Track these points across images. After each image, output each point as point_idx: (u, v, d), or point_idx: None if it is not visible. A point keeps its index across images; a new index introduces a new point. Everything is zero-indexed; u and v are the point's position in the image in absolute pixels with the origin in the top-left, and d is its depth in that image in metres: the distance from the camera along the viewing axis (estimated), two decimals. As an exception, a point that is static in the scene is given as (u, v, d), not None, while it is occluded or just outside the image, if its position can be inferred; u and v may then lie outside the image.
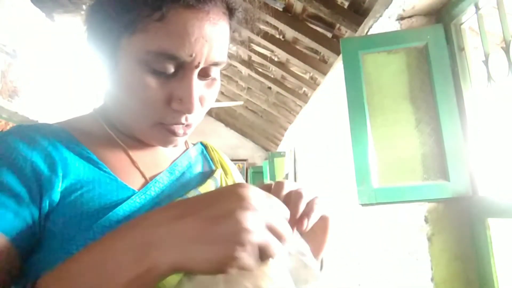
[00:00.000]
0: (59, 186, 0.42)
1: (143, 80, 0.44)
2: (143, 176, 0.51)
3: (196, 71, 0.46)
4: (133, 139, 0.53)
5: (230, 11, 0.49)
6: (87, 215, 0.42)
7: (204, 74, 0.48)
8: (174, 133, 0.49)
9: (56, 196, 0.42)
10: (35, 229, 0.41)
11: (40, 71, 2.45)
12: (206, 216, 0.32)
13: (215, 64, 0.47)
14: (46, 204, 0.41)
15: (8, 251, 0.39)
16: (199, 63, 0.45)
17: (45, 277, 0.33)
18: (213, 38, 0.45)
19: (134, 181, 0.49)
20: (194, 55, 0.44)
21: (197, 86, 0.47)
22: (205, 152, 0.65)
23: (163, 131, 0.49)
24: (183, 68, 0.45)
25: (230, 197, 0.33)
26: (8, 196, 0.39)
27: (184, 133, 0.50)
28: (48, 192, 0.41)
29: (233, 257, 0.31)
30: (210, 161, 0.64)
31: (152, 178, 0.51)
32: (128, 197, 0.46)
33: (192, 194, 0.52)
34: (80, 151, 0.47)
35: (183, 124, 0.49)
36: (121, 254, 0.32)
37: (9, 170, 0.40)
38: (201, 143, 0.67)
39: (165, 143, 0.51)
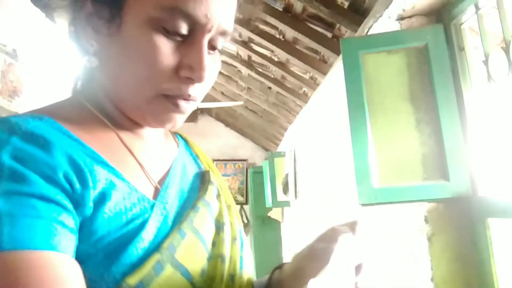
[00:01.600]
0: (90, 200, 0.37)
1: (151, 42, 0.41)
2: (151, 181, 0.46)
3: (207, 37, 0.43)
4: (129, 129, 0.48)
5: None
6: (115, 231, 0.37)
7: (210, 46, 0.45)
8: (177, 106, 0.44)
9: (89, 211, 0.37)
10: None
11: (40, 71, 2.45)
12: None
13: (223, 33, 0.45)
14: (79, 220, 0.37)
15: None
16: (212, 26, 0.43)
17: None
18: (226, 3, 0.44)
19: (144, 188, 0.44)
20: (209, 16, 0.41)
21: (207, 55, 0.44)
22: (187, 147, 0.61)
23: (165, 103, 0.44)
24: (194, 32, 0.42)
25: None
26: (61, 211, 0.35)
27: (186, 108, 0.45)
28: (80, 208, 0.36)
29: None
30: (196, 158, 0.60)
31: (160, 182, 0.47)
32: (146, 209, 0.41)
33: (201, 204, 0.49)
34: (91, 154, 0.40)
35: (189, 96, 0.44)
36: None
37: (48, 184, 0.35)
38: (179, 136, 0.62)
39: (164, 120, 0.46)
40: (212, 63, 0.45)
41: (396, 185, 1.07)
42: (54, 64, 2.61)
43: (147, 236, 0.39)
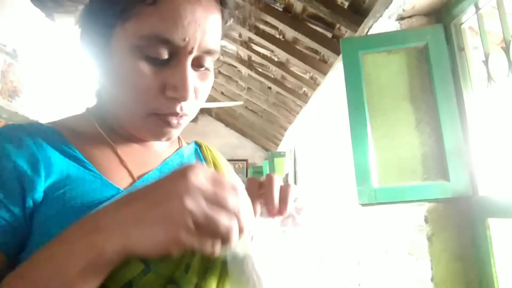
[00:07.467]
0: (42, 186, 0.42)
1: (136, 67, 0.44)
2: (131, 175, 0.50)
3: (190, 58, 0.45)
4: (124, 138, 0.53)
5: (222, 1, 0.49)
6: (69, 213, 0.41)
7: (197, 64, 0.47)
8: (168, 124, 0.48)
9: (39, 195, 0.42)
10: (21, 228, 0.41)
11: (40, 71, 2.45)
12: (151, 199, 0.34)
13: (208, 52, 0.47)
14: (30, 204, 0.41)
15: None
16: (192, 48, 0.44)
17: (10, 275, 0.35)
18: (206, 23, 0.45)
19: (121, 180, 0.48)
20: (187, 39, 0.43)
21: (191, 74, 0.46)
22: (199, 151, 0.64)
23: (157, 121, 0.48)
24: (176, 54, 0.45)
25: (175, 180, 0.34)
26: None
27: (178, 124, 0.49)
28: (31, 192, 0.41)
29: (175, 237, 0.32)
30: (203, 160, 0.62)
31: (140, 177, 0.50)
32: (113, 196, 0.45)
33: None
34: (66, 150, 0.46)
35: (178, 114, 0.47)
36: (73, 243, 0.34)
37: None
38: (195, 143, 0.65)
39: (159, 135, 0.50)
40: (199, 80, 0.48)
41: (396, 185, 1.07)
42: (54, 64, 2.61)
43: None
